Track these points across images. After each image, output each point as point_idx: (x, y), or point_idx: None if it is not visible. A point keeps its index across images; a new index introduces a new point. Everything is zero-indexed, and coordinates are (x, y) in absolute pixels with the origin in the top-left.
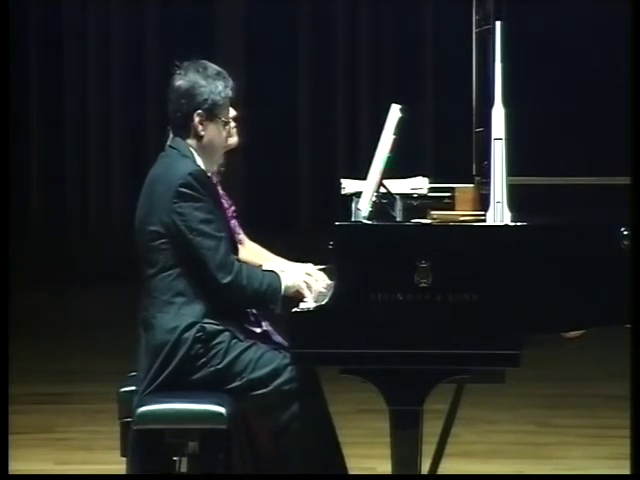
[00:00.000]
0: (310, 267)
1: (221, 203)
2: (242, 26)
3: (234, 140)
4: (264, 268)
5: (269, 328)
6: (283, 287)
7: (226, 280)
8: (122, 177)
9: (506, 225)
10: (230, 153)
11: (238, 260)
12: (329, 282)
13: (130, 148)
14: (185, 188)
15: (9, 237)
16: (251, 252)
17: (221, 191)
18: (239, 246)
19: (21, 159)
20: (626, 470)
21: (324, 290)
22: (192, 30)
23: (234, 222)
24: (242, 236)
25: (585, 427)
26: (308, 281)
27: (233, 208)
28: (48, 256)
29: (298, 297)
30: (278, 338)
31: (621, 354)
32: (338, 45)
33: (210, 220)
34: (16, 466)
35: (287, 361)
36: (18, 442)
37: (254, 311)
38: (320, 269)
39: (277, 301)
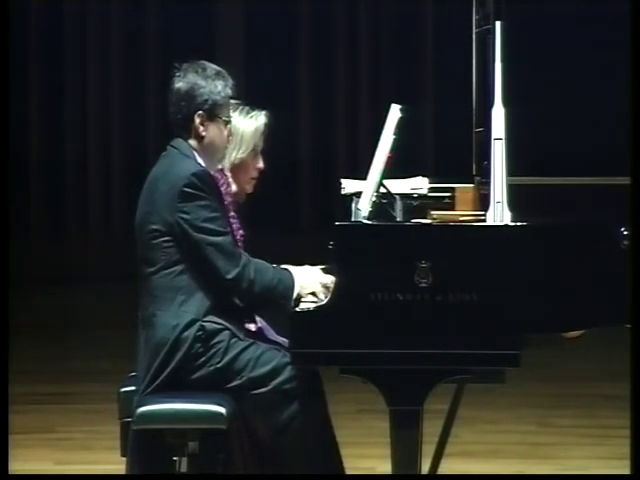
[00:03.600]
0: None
1: (224, 201)
2: (242, 25)
3: (250, 188)
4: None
5: (263, 324)
6: (297, 285)
7: (233, 274)
8: (122, 177)
9: (506, 225)
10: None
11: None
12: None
13: (130, 148)
14: (189, 188)
15: (9, 237)
16: None
17: (232, 212)
18: None
19: (21, 159)
20: (626, 470)
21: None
22: (192, 28)
23: (240, 245)
24: None
25: (585, 427)
26: (326, 284)
27: (242, 232)
28: (48, 256)
29: (310, 298)
30: (272, 334)
31: (621, 354)
32: (338, 44)
33: (215, 218)
34: (16, 466)
35: (287, 360)
36: (18, 442)
37: None
38: (320, 269)
39: (288, 298)
